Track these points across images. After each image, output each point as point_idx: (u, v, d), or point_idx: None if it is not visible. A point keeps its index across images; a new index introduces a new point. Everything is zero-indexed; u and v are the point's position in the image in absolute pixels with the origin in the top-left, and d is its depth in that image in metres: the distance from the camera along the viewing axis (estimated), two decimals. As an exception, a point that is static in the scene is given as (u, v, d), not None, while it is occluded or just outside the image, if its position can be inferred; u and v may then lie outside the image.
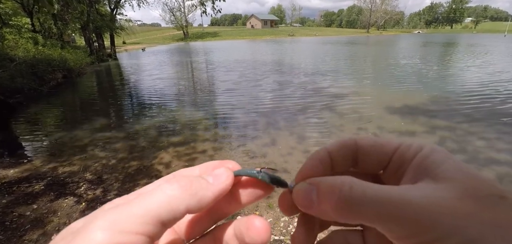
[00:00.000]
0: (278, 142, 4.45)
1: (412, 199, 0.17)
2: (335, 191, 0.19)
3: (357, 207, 0.18)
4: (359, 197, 0.18)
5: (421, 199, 0.17)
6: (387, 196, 0.17)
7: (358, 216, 0.18)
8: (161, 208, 0.17)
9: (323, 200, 0.20)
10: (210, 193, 0.20)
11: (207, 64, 16.28)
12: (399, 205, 0.17)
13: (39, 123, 6.28)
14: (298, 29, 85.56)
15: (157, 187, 0.19)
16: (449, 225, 0.16)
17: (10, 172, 3.73)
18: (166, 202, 0.18)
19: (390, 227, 0.17)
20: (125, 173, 3.61)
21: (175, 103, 7.48)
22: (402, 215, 0.17)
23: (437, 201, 0.16)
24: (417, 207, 0.16)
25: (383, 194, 0.17)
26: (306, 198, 0.21)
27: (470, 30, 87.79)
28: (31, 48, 11.46)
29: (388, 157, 0.22)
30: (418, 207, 0.16)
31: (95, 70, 15.61)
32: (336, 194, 0.19)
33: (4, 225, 2.62)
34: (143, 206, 0.17)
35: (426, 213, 0.16)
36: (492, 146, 4.06)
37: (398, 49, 23.24)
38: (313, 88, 8.38)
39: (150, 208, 0.17)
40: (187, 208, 0.19)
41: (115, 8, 24.54)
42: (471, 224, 0.15)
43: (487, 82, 8.35)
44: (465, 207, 0.16)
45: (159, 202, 0.18)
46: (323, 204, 0.19)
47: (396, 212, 0.17)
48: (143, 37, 53.53)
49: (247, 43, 38.61)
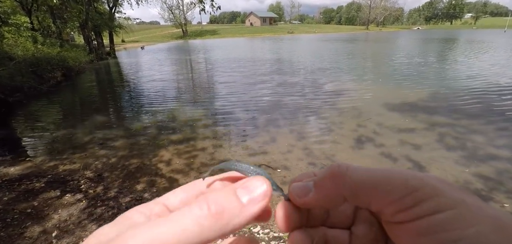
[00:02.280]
0: (278, 139, 4.46)
1: (403, 171, 0.19)
2: (332, 169, 0.21)
3: (353, 180, 0.20)
4: (354, 170, 0.20)
5: (410, 171, 0.19)
6: (378, 169, 0.20)
7: (355, 188, 0.20)
8: (191, 238, 0.17)
9: (319, 186, 0.21)
10: (241, 221, 0.19)
11: (206, 62, 16.26)
12: (393, 173, 0.19)
13: (39, 121, 6.28)
14: (297, 26, 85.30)
15: (188, 211, 0.18)
16: (429, 190, 0.18)
17: (11, 169, 3.74)
18: (198, 233, 0.17)
19: (386, 193, 0.19)
20: (126, 171, 3.62)
21: (175, 101, 7.48)
22: (397, 182, 0.19)
23: (425, 174, 0.19)
24: (409, 175, 0.19)
25: (374, 168, 0.20)
26: (303, 188, 0.22)
27: (469, 26, 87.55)
28: (30, 46, 11.43)
29: None
30: (409, 175, 0.19)
31: (94, 68, 15.58)
32: (333, 171, 0.21)
33: (5, 222, 2.63)
34: (174, 234, 0.17)
35: (417, 177, 0.19)
36: (491, 142, 4.07)
37: (397, 46, 23.20)
38: (312, 85, 8.38)
39: (180, 238, 0.17)
40: (216, 238, 0.18)
41: (114, 6, 24.45)
42: (450, 194, 0.18)
43: (487, 78, 8.36)
44: (447, 184, 0.19)
45: (190, 232, 0.17)
46: (320, 189, 0.21)
47: (391, 179, 0.19)
48: (142, 35, 53.38)
49: (246, 41, 38.53)
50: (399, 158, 3.71)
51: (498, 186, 2.99)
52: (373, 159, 3.71)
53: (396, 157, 3.74)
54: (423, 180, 0.18)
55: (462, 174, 3.25)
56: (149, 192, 3.08)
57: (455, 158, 3.64)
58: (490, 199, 2.77)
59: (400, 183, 0.18)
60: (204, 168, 3.63)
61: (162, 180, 3.35)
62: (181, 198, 0.23)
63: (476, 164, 3.46)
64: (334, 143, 4.26)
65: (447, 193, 0.17)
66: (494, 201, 2.75)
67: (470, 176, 3.20)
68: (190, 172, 3.52)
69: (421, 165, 3.51)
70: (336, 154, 3.89)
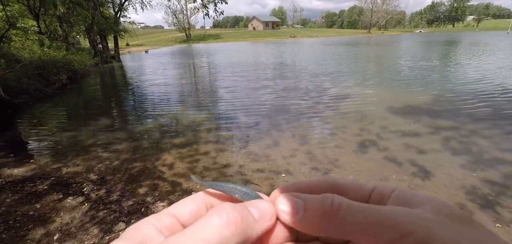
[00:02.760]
0: (281, 143, 4.44)
1: (394, 211, 0.19)
2: (324, 204, 0.20)
3: (343, 220, 0.19)
4: (346, 209, 0.19)
5: (400, 212, 0.19)
6: (370, 208, 0.19)
7: (342, 230, 0.19)
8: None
9: (309, 212, 0.20)
10: (255, 233, 0.19)
11: (209, 66, 16.33)
12: (384, 215, 0.19)
13: (43, 123, 6.33)
14: (300, 30, 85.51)
15: (209, 222, 0.18)
16: (429, 230, 0.17)
17: (14, 171, 3.76)
18: (218, 242, 0.17)
19: (375, 235, 0.18)
20: (128, 174, 3.62)
21: (178, 104, 7.51)
22: (388, 224, 0.18)
23: (418, 214, 0.19)
24: (400, 216, 0.18)
25: (367, 207, 0.20)
26: (293, 207, 0.21)
27: (472, 28, 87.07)
28: (37, 49, 11.60)
29: (367, 194, 0.24)
30: (401, 216, 0.18)
31: (99, 72, 15.73)
32: (324, 207, 0.20)
33: (7, 224, 2.64)
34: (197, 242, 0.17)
35: (409, 219, 0.18)
36: (498, 146, 4.01)
37: (400, 49, 23.11)
38: (315, 89, 8.36)
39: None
40: None
41: (119, 11, 24.78)
42: (449, 231, 0.17)
43: (492, 80, 8.26)
44: (442, 221, 0.18)
45: (211, 240, 0.17)
46: (309, 216, 0.20)
47: (382, 221, 0.18)
48: (146, 39, 53.86)
49: (249, 45, 38.67)
50: (404, 162, 3.67)
51: (505, 190, 2.93)
52: (377, 164, 3.67)
53: (401, 162, 3.69)
54: (416, 223, 0.18)
55: (468, 179, 3.20)
56: (151, 196, 3.07)
57: (461, 162, 3.58)
58: (497, 204, 2.72)
59: (390, 226, 0.18)
60: (206, 172, 3.62)
61: (165, 184, 3.34)
62: (191, 209, 0.23)
63: (482, 168, 3.41)
64: (337, 148, 4.22)
65: (441, 237, 0.17)
66: (501, 206, 2.69)
67: (476, 181, 3.14)
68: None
69: (426, 169, 3.45)
70: (339, 159, 3.86)
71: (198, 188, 0.40)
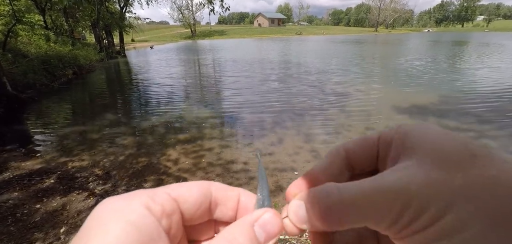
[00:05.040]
0: (285, 141, 4.43)
1: (382, 186, 0.17)
2: (316, 202, 0.19)
3: (337, 213, 0.18)
4: (337, 202, 0.18)
5: (392, 183, 0.17)
6: (360, 191, 0.17)
7: (342, 222, 0.18)
8: None
9: (310, 215, 0.19)
10: None
11: (214, 63, 16.34)
12: (371, 196, 0.17)
13: (50, 118, 6.41)
14: (306, 27, 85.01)
15: None
16: (421, 202, 0.16)
17: (21, 165, 3.82)
18: None
19: (371, 223, 0.17)
20: (133, 169, 3.65)
21: (183, 100, 7.53)
22: (376, 206, 0.17)
23: (408, 179, 0.16)
24: (388, 193, 0.16)
25: (356, 190, 0.17)
26: (298, 218, 0.20)
27: (481, 29, 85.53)
28: (43, 44, 11.71)
29: (375, 148, 0.22)
30: (389, 193, 0.16)
31: (104, 67, 15.84)
32: (318, 206, 0.18)
33: (15, 217, 2.68)
34: None
35: (396, 196, 0.16)
36: (504, 148, 3.94)
37: (407, 48, 22.82)
38: (320, 87, 8.31)
39: None
40: None
41: (125, 6, 24.86)
42: (443, 194, 0.15)
43: (499, 81, 8.12)
44: (436, 178, 0.16)
45: None
46: (312, 219, 0.19)
47: (370, 204, 0.17)
48: (151, 35, 54.06)
49: (254, 42, 38.57)
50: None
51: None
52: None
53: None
54: (410, 191, 0.16)
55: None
56: (156, 191, 3.09)
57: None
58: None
59: (386, 205, 0.16)
60: (211, 168, 3.62)
61: (170, 179, 3.35)
62: (196, 198, 0.21)
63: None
64: (342, 146, 4.19)
65: (440, 196, 0.15)
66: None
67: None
68: (197, 172, 3.52)
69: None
70: (344, 157, 3.83)
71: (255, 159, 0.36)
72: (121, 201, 0.17)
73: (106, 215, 0.17)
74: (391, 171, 0.18)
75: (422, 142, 0.18)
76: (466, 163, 0.16)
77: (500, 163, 0.15)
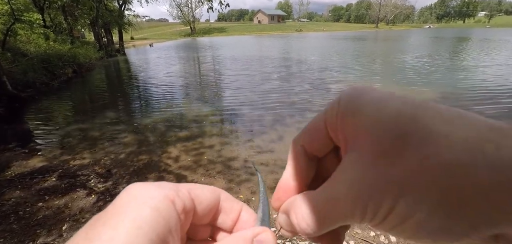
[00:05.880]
0: (285, 138, 4.43)
1: (331, 196, 0.19)
2: (294, 216, 0.21)
3: (315, 222, 0.20)
4: (302, 223, 0.20)
5: (347, 192, 0.18)
6: (315, 207, 0.20)
7: (321, 229, 0.20)
8: None
9: (296, 225, 0.21)
10: None
11: (214, 60, 16.30)
12: (324, 210, 0.19)
13: (50, 117, 6.42)
14: (306, 24, 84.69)
15: None
16: (375, 203, 0.17)
17: (23, 163, 3.83)
18: None
19: (345, 223, 0.20)
20: (134, 167, 3.66)
21: (182, 98, 7.53)
22: (330, 216, 0.19)
23: (359, 185, 0.17)
24: (346, 203, 0.18)
25: (312, 206, 0.20)
26: (289, 228, 0.22)
27: (483, 25, 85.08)
28: (42, 43, 11.69)
29: (328, 135, 0.21)
30: (347, 203, 0.18)
31: (104, 65, 15.82)
32: (296, 219, 0.21)
33: (17, 215, 2.69)
34: None
35: (354, 206, 0.18)
36: None
37: (409, 44, 22.74)
38: (320, 84, 8.30)
39: None
40: None
41: (124, 4, 24.79)
42: (389, 192, 0.16)
43: (501, 78, 8.09)
44: (375, 174, 0.17)
45: None
46: (300, 228, 0.21)
47: (327, 217, 0.19)
48: (150, 33, 53.93)
49: (254, 39, 38.45)
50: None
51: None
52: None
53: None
54: (364, 198, 0.17)
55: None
56: (157, 189, 3.10)
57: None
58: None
59: (350, 211, 0.18)
60: (211, 165, 3.63)
61: (171, 177, 3.37)
62: (208, 202, 0.23)
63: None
64: (343, 143, 4.20)
65: (387, 194, 0.17)
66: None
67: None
68: (198, 169, 3.53)
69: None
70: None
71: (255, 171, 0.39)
72: (152, 189, 0.19)
73: (140, 196, 0.18)
74: (342, 172, 0.19)
75: (359, 128, 0.18)
76: (399, 149, 0.16)
77: (433, 138, 0.15)
